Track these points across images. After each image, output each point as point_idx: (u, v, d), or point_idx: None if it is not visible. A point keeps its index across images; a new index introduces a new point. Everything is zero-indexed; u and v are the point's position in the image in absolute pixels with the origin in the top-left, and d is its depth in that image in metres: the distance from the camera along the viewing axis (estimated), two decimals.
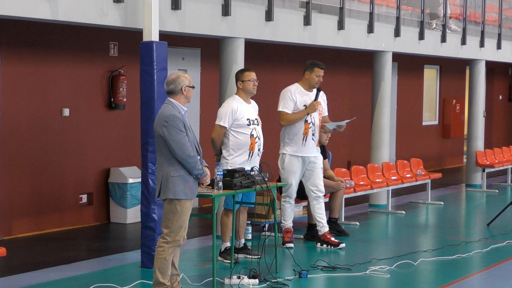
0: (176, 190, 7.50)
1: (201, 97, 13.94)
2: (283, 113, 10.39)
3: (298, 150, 10.43)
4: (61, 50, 11.60)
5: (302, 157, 10.45)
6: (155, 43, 9.18)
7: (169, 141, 7.44)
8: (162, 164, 7.53)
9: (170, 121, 7.46)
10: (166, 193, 7.51)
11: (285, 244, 10.44)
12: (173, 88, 7.62)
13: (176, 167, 7.49)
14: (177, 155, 7.45)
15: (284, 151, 10.49)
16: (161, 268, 7.59)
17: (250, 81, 9.63)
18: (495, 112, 24.56)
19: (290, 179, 10.43)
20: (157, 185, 7.60)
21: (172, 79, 7.64)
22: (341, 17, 13.18)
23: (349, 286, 8.74)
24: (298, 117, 10.34)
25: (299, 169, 10.47)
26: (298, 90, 10.48)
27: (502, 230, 11.96)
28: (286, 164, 10.46)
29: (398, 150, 19.37)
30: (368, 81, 15.27)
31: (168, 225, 7.57)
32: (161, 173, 7.53)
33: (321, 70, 10.48)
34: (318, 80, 10.47)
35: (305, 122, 10.38)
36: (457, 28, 17.12)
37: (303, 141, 10.41)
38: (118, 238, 11.34)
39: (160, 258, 7.59)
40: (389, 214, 13.69)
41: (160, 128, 7.47)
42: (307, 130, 10.41)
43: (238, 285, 8.36)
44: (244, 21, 11.18)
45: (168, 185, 7.49)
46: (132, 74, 12.11)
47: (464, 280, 9.07)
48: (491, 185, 17.74)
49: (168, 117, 7.48)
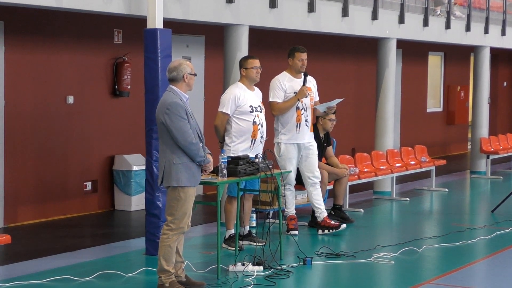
0: (179, 178, 7.49)
1: (205, 84, 13.93)
2: (274, 103, 10.41)
3: (292, 137, 10.44)
4: (65, 38, 11.59)
5: (297, 143, 10.47)
6: (159, 30, 9.16)
7: (171, 128, 7.43)
8: (165, 152, 7.53)
9: (172, 108, 7.45)
10: (169, 180, 7.52)
11: (289, 232, 10.45)
12: (175, 75, 7.59)
13: (178, 154, 7.49)
14: (179, 142, 7.45)
15: (279, 140, 10.51)
16: (165, 255, 7.60)
17: (253, 68, 9.62)
18: (500, 98, 24.52)
19: (288, 167, 10.41)
20: (159, 173, 7.61)
21: (174, 66, 7.62)
22: (345, 4, 13.16)
23: (354, 273, 8.75)
24: (289, 105, 10.35)
25: (295, 155, 10.49)
26: (286, 77, 10.50)
27: (506, 217, 11.96)
28: (283, 152, 10.47)
29: (402, 137, 19.35)
30: (372, 68, 15.24)
31: (172, 212, 7.57)
32: (164, 161, 7.53)
33: (302, 53, 10.49)
34: (301, 64, 10.47)
35: (297, 109, 10.39)
36: (461, 15, 17.08)
37: (297, 128, 10.42)
38: (123, 225, 11.36)
39: (165, 246, 7.60)
40: (394, 201, 13.69)
41: (162, 116, 7.46)
42: (300, 117, 10.41)
43: (243, 272, 8.37)
44: (248, 8, 11.16)
45: (171, 172, 7.49)
46: (136, 62, 12.10)
47: (469, 267, 9.08)
48: (495, 172, 17.73)
49: (170, 104, 7.47)
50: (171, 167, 7.49)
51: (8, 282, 7.84)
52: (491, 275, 8.94)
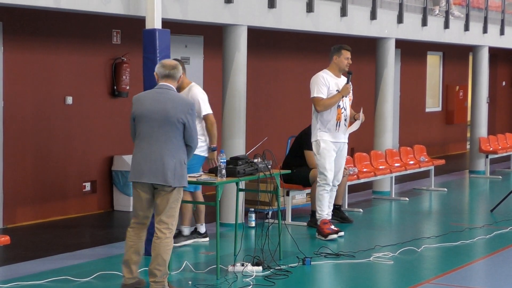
0: (186, 178, 7.42)
1: (204, 84, 13.92)
2: (319, 99, 10.20)
3: (332, 136, 10.28)
4: (64, 38, 11.59)
5: (336, 142, 10.31)
6: (158, 30, 9.17)
7: (192, 129, 7.32)
8: (177, 151, 7.30)
9: (194, 110, 7.41)
10: (181, 180, 7.34)
11: (327, 237, 10.17)
12: (176, 73, 7.50)
13: (185, 155, 7.39)
14: (193, 143, 7.38)
15: (319, 137, 10.29)
16: (168, 258, 7.45)
17: None
18: (499, 98, 24.53)
19: (326, 165, 10.25)
20: (166, 172, 7.26)
21: (175, 64, 7.53)
22: (344, 4, 13.15)
23: (353, 273, 8.75)
24: (333, 101, 10.20)
25: (334, 154, 10.31)
26: (329, 74, 10.35)
27: (505, 216, 11.97)
28: (322, 150, 10.26)
29: (401, 136, 19.36)
30: (371, 68, 15.25)
31: (173, 214, 7.40)
32: (174, 160, 7.28)
33: (348, 51, 10.38)
34: (347, 62, 10.36)
35: (338, 107, 10.25)
36: (460, 14, 17.08)
37: (336, 127, 10.27)
38: (122, 226, 11.31)
39: (169, 249, 7.40)
40: (393, 201, 13.69)
41: (184, 115, 7.27)
42: (340, 115, 10.28)
43: (242, 273, 8.37)
44: (246, 9, 11.16)
45: (183, 172, 7.34)
46: (135, 62, 12.09)
47: (468, 266, 9.08)
48: (494, 171, 17.74)
49: (193, 105, 7.41)
50: (182, 167, 7.33)
51: (7, 283, 7.84)
52: (490, 274, 8.95)
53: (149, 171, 7.30)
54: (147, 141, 7.34)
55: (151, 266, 7.40)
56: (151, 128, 7.32)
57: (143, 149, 7.36)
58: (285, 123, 15.61)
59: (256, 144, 10.01)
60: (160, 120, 7.29)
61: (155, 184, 7.32)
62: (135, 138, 7.51)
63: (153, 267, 7.37)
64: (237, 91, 11.13)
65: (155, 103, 7.34)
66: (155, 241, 7.39)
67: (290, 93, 15.94)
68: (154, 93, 7.45)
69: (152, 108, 7.33)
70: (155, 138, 7.30)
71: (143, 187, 7.39)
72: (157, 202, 7.40)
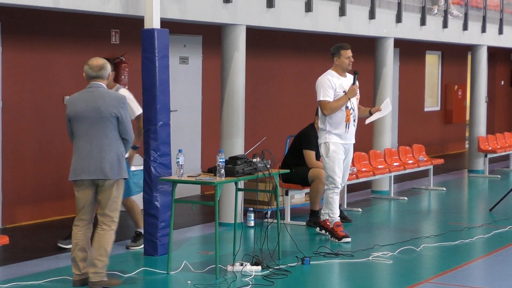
0: (126, 170, 7.68)
1: (202, 84, 13.93)
2: (325, 102, 10.07)
3: (341, 138, 10.18)
4: (62, 38, 11.58)
5: (345, 144, 10.22)
6: (156, 30, 9.17)
7: (126, 122, 7.60)
8: (114, 145, 7.56)
9: (126, 102, 7.67)
10: (120, 172, 7.60)
11: (341, 239, 10.10)
12: (104, 73, 7.73)
13: (122, 148, 7.64)
14: (129, 136, 7.64)
15: (327, 140, 10.17)
16: (110, 250, 7.69)
17: None
18: (497, 97, 24.53)
19: (336, 168, 10.16)
20: (105, 165, 7.51)
21: (102, 64, 7.74)
22: (343, 3, 13.15)
23: (352, 272, 8.75)
24: (340, 104, 10.07)
25: (343, 156, 10.22)
26: (334, 76, 10.21)
27: (504, 215, 11.98)
28: (331, 152, 10.15)
29: (400, 136, 19.36)
30: (370, 67, 15.25)
31: (117, 208, 7.71)
32: (111, 154, 7.53)
33: (347, 50, 10.22)
34: (349, 61, 10.22)
35: (346, 109, 10.14)
36: (458, 14, 17.09)
37: (346, 128, 10.15)
38: (121, 226, 11.19)
39: (111, 241, 7.70)
40: (392, 200, 13.69)
41: (117, 109, 7.54)
42: (349, 117, 10.16)
43: (241, 272, 8.37)
44: (245, 8, 11.16)
45: (121, 165, 7.60)
46: (133, 62, 12.09)
47: (467, 266, 9.08)
48: (493, 171, 17.74)
49: (124, 99, 7.69)
50: (120, 160, 7.59)
51: (5, 283, 7.83)
52: (489, 274, 8.95)
53: (88, 168, 7.57)
54: (84, 139, 7.61)
55: (92, 256, 7.65)
56: (86, 126, 7.59)
57: (81, 147, 7.63)
58: (284, 122, 15.61)
59: (255, 143, 10.00)
60: (94, 118, 7.55)
61: (96, 180, 7.57)
62: (73, 139, 7.73)
63: (95, 258, 7.62)
64: (236, 91, 11.12)
65: (88, 102, 7.60)
66: (99, 233, 7.67)
67: (289, 92, 15.94)
68: (85, 93, 7.72)
69: (85, 108, 7.59)
70: (92, 135, 7.56)
71: (84, 184, 7.66)
72: (100, 197, 7.67)
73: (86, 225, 7.79)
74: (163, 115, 9.22)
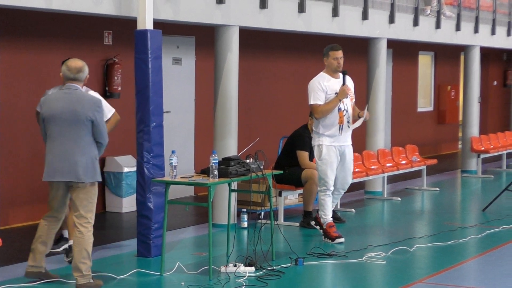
0: (99, 173, 7.71)
1: (195, 85, 13.92)
2: (316, 106, 10.04)
3: (335, 140, 10.12)
4: (55, 39, 11.57)
5: (339, 146, 10.16)
6: (149, 31, 9.17)
7: (101, 126, 7.63)
8: (88, 147, 7.59)
9: (102, 106, 7.72)
10: (93, 175, 7.63)
11: (334, 240, 10.09)
12: (82, 75, 7.76)
13: (96, 151, 7.67)
14: (104, 140, 7.67)
15: (321, 142, 10.14)
16: (90, 252, 7.70)
17: None
18: (490, 97, 24.57)
19: (328, 171, 10.13)
20: (79, 168, 7.54)
21: (80, 66, 7.76)
22: (336, 4, 13.16)
23: (345, 273, 8.76)
24: (331, 107, 10.02)
25: (336, 159, 10.16)
26: (325, 78, 10.15)
27: (497, 215, 11.99)
28: (324, 155, 10.11)
29: (393, 136, 19.36)
30: (363, 68, 15.26)
31: (91, 209, 7.71)
32: (85, 157, 7.57)
33: (336, 51, 10.15)
34: (337, 63, 10.14)
35: (339, 110, 10.07)
36: (451, 14, 17.11)
37: (339, 131, 10.10)
38: (114, 227, 11.34)
39: (91, 243, 7.71)
40: (385, 201, 13.70)
41: (92, 113, 7.55)
42: (342, 118, 10.09)
43: (235, 273, 8.36)
44: (238, 9, 11.16)
45: (95, 168, 7.63)
46: (126, 63, 12.08)
47: (460, 266, 9.09)
48: (486, 171, 17.77)
49: (100, 102, 7.73)
50: (94, 163, 7.63)
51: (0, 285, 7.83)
52: (482, 273, 8.95)
53: (61, 170, 7.61)
54: (58, 141, 7.62)
55: (75, 260, 7.65)
56: (61, 128, 7.60)
57: (55, 148, 7.64)
58: (277, 123, 15.61)
59: (248, 144, 10.00)
60: (69, 120, 7.57)
61: (70, 182, 7.62)
62: (46, 139, 7.73)
63: (78, 261, 7.65)
64: (229, 92, 11.11)
65: (64, 104, 7.61)
66: (77, 236, 7.68)
67: (282, 93, 15.94)
68: (62, 94, 7.72)
69: (61, 109, 7.60)
70: (66, 137, 7.58)
71: (58, 185, 7.73)
72: (74, 199, 7.69)
73: (55, 221, 7.91)
74: (156, 116, 9.21)
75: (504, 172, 17.93)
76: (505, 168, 18.35)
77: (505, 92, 25.42)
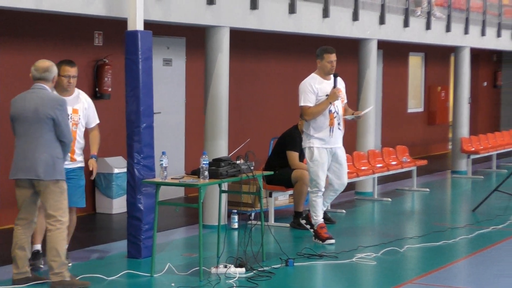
0: (61, 171, 7.75)
1: (186, 86, 13.91)
2: (306, 108, 10.02)
3: (326, 142, 10.08)
4: (45, 40, 11.53)
5: (330, 148, 10.13)
6: (140, 32, 9.15)
7: (62, 124, 7.69)
8: (49, 146, 7.66)
9: (64, 105, 7.78)
10: (54, 174, 7.67)
11: (325, 241, 10.08)
12: (48, 75, 7.83)
13: (59, 149, 7.72)
14: (65, 138, 7.73)
15: (311, 144, 10.10)
16: (63, 249, 7.74)
17: None
18: (480, 98, 24.61)
19: (320, 172, 10.09)
20: (39, 166, 7.61)
21: (47, 66, 7.85)
22: (326, 5, 13.17)
23: (336, 274, 8.76)
24: (321, 109, 9.99)
25: (327, 161, 10.13)
26: (316, 80, 10.12)
27: (487, 216, 12.01)
28: (315, 157, 10.08)
29: (383, 137, 19.40)
30: (353, 69, 15.27)
31: (60, 206, 7.75)
32: (45, 155, 7.63)
33: (331, 54, 10.10)
34: (331, 66, 10.10)
35: (329, 112, 10.04)
36: (441, 15, 17.14)
37: (330, 133, 10.06)
38: (104, 229, 11.32)
39: (62, 240, 7.73)
40: (375, 202, 13.71)
41: (53, 111, 7.63)
42: (333, 121, 10.05)
43: (225, 274, 8.36)
44: (229, 10, 11.15)
45: (55, 166, 7.67)
46: (117, 64, 12.06)
47: (450, 266, 9.10)
48: (476, 171, 17.80)
49: (62, 101, 7.80)
50: (54, 161, 7.67)
51: None
52: (472, 274, 8.97)
53: (23, 168, 7.71)
54: (22, 139, 7.78)
55: (47, 259, 7.77)
56: (25, 127, 7.71)
57: (19, 147, 7.79)
58: (268, 124, 15.60)
59: (239, 145, 9.99)
60: (32, 119, 7.69)
61: (31, 180, 7.70)
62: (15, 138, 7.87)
63: (49, 259, 7.75)
64: (219, 93, 11.11)
65: (27, 103, 7.73)
66: (48, 235, 7.78)
67: (273, 94, 15.93)
68: (28, 94, 7.86)
69: (25, 108, 7.73)
70: (29, 135, 7.70)
71: (23, 183, 7.78)
72: (41, 198, 7.80)
73: (26, 224, 7.90)
74: (147, 117, 9.20)
75: (494, 173, 17.96)
76: (495, 168, 18.38)
77: (495, 93, 25.47)
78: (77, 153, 8.66)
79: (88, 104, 8.89)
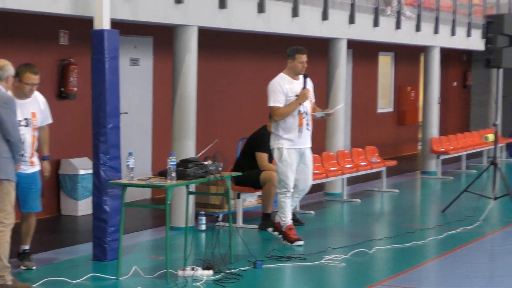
0: (7, 171, 7.61)
1: (153, 85, 13.79)
2: (275, 108, 9.94)
3: (295, 143, 10.00)
4: (9, 39, 11.37)
5: (299, 149, 10.04)
6: (106, 31, 9.05)
7: (8, 122, 7.57)
8: None
9: (10, 103, 7.67)
10: None
11: (294, 243, 10.01)
12: (1, 74, 7.81)
13: (5, 148, 7.59)
14: (11, 137, 7.58)
15: (281, 145, 10.01)
16: (5, 252, 7.60)
17: None
18: (450, 98, 24.70)
19: (289, 173, 10.01)
20: None
21: (2, 65, 7.84)
22: (295, 4, 13.11)
23: (304, 276, 8.72)
24: (291, 109, 9.92)
25: (296, 161, 10.05)
26: (286, 80, 10.04)
27: (456, 217, 12.01)
28: (285, 157, 9.99)
29: (353, 138, 19.38)
30: (323, 68, 15.23)
31: (3, 208, 7.61)
32: None
33: (303, 55, 10.03)
34: (302, 66, 10.02)
35: (298, 113, 9.97)
36: (411, 15, 17.15)
37: (299, 133, 9.99)
38: (69, 231, 11.19)
39: (4, 243, 7.60)
40: (345, 203, 13.67)
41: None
42: (302, 121, 9.99)
43: (192, 277, 8.28)
44: (197, 9, 11.05)
45: (0, 165, 7.53)
46: (83, 63, 11.91)
47: (420, 268, 9.10)
48: (446, 172, 17.82)
49: (9, 99, 7.69)
50: None
51: None
52: (442, 275, 8.94)
53: None
54: None
55: None
56: None
57: None
58: (237, 125, 15.51)
59: (207, 146, 9.89)
60: None
61: None
62: None
63: None
64: (187, 93, 11.01)
65: None
66: None
67: (241, 94, 15.85)
68: None
69: None
70: None
71: None
72: None
73: None
74: (113, 118, 9.10)
75: (464, 173, 18.01)
76: (464, 169, 18.43)
77: (464, 93, 25.57)
78: (35, 156, 8.60)
79: (44, 105, 8.81)
